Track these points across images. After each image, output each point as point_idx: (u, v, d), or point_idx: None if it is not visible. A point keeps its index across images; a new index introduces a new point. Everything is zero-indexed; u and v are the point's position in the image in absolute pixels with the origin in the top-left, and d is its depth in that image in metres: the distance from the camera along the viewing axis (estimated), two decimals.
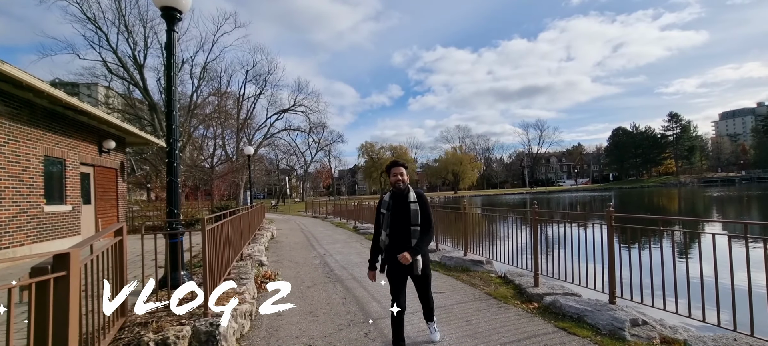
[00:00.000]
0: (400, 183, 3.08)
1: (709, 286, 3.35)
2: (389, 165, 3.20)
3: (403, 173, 3.11)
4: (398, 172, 3.11)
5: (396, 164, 3.15)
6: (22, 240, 7.71)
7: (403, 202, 3.06)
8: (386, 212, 3.09)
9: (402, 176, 3.10)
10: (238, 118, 33.72)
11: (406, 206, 3.03)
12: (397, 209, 3.05)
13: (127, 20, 24.96)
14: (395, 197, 3.11)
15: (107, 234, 3.12)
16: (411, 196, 3.07)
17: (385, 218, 3.07)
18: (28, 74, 7.01)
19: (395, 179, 3.09)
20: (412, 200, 3.05)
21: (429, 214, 3.06)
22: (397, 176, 3.09)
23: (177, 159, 4.70)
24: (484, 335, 3.64)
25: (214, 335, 3.10)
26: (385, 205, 3.12)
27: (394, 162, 3.18)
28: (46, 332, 1.79)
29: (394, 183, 3.09)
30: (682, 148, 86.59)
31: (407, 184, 3.13)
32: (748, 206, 25.68)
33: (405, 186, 3.10)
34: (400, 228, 3.02)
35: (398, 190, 3.08)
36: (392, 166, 3.16)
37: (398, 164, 3.15)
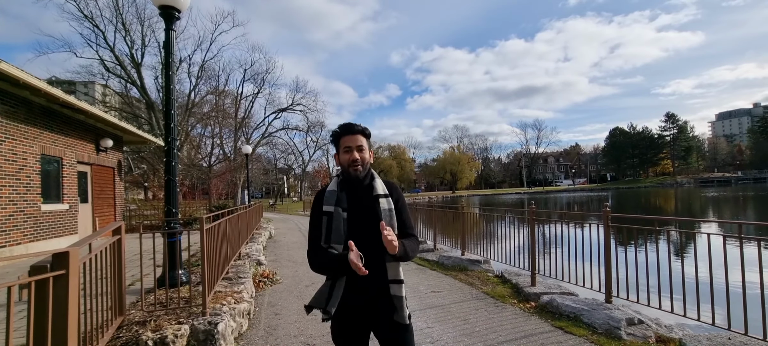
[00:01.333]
0: (357, 165, 1.67)
1: (704, 285, 3.38)
2: (338, 132, 1.74)
3: (362, 145, 1.70)
4: (354, 143, 1.68)
5: (350, 130, 1.71)
6: (18, 239, 7.69)
7: (365, 196, 1.69)
8: (334, 212, 1.64)
9: (361, 151, 1.69)
10: (236, 117, 33.65)
11: (370, 202, 1.67)
12: (357, 208, 1.66)
13: (125, 18, 24.87)
14: (350, 189, 1.70)
15: (105, 233, 3.12)
16: (378, 186, 1.71)
17: (333, 226, 1.61)
18: (24, 72, 6.99)
19: (349, 157, 1.67)
20: (380, 192, 1.69)
21: (409, 214, 1.79)
22: (353, 151, 1.67)
23: (175, 158, 4.69)
24: (482, 334, 3.66)
25: (212, 333, 3.11)
26: (333, 199, 1.67)
27: (347, 127, 1.72)
28: (46, 330, 1.80)
29: (346, 164, 1.69)
30: (679, 148, 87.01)
31: (369, 167, 1.74)
32: (744, 206, 25.84)
33: (365, 170, 1.71)
34: (366, 242, 1.55)
35: (353, 176, 1.68)
36: (343, 135, 1.71)
37: (354, 130, 1.71)
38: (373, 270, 1.54)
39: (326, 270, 1.62)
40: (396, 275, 1.66)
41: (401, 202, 1.76)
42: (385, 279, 1.64)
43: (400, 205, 1.74)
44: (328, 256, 1.60)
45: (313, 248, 1.67)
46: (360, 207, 1.67)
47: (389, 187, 1.76)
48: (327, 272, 1.64)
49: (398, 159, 76.64)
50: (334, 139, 1.76)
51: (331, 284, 1.63)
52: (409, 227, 1.76)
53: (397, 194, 1.77)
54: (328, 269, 1.61)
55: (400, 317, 1.63)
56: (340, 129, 1.74)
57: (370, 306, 1.65)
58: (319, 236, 1.65)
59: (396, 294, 1.64)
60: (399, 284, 1.65)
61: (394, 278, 1.65)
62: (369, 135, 1.77)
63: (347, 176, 1.70)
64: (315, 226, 1.68)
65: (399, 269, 1.66)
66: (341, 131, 1.73)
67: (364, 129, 1.74)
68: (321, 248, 1.63)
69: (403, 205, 1.76)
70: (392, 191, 1.75)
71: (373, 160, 1.81)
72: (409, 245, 1.67)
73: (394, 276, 1.65)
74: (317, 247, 1.65)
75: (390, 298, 1.64)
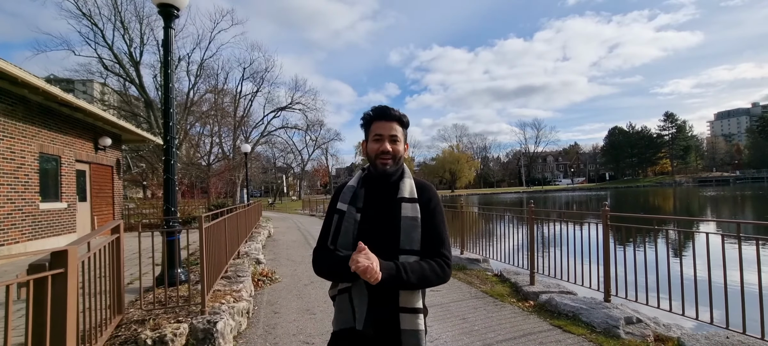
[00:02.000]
0: (387, 158, 1.37)
1: (702, 285, 3.39)
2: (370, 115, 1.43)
3: (397, 136, 1.39)
4: (387, 131, 1.38)
5: (385, 115, 1.40)
6: (17, 238, 7.67)
7: (388, 197, 1.38)
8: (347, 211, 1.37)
9: (394, 142, 1.39)
10: (235, 115, 33.58)
11: (391, 205, 1.36)
12: (374, 210, 1.37)
13: (123, 16, 24.76)
14: (372, 186, 1.43)
15: (104, 232, 3.12)
16: (405, 186, 1.39)
17: (343, 227, 1.35)
18: (23, 70, 6.97)
19: (378, 146, 1.38)
20: (406, 195, 1.37)
21: (445, 230, 1.41)
22: (384, 141, 1.38)
23: (174, 156, 4.68)
24: (481, 333, 3.67)
25: (211, 332, 3.11)
26: (349, 196, 1.40)
27: (381, 111, 1.41)
28: (44, 329, 1.79)
29: (374, 155, 1.39)
30: (678, 148, 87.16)
31: (401, 162, 1.44)
32: (742, 205, 25.91)
33: (396, 166, 1.40)
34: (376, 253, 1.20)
35: (381, 171, 1.39)
36: (375, 120, 1.41)
37: (389, 116, 1.40)
38: (381, 293, 1.24)
39: (332, 274, 1.34)
40: (409, 301, 1.27)
41: (433, 207, 1.38)
42: (395, 306, 1.26)
43: (431, 211, 1.37)
44: (333, 257, 1.31)
45: (318, 248, 1.41)
46: (377, 209, 1.35)
47: (421, 189, 1.41)
48: (333, 277, 1.36)
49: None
50: (364, 124, 1.44)
51: (349, 297, 1.30)
52: (439, 243, 1.34)
53: (429, 197, 1.39)
54: (333, 272, 1.32)
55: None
56: (373, 112, 1.41)
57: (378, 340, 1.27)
58: (327, 236, 1.39)
59: (407, 328, 1.25)
60: (414, 314, 1.26)
61: (406, 305, 1.26)
62: (407, 124, 1.44)
63: (374, 169, 1.41)
64: (327, 223, 1.42)
65: (417, 295, 1.28)
66: (374, 115, 1.41)
67: (402, 116, 1.41)
68: (327, 249, 1.37)
69: (435, 212, 1.38)
70: (423, 193, 1.39)
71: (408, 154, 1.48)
72: (417, 267, 1.25)
73: (406, 303, 1.26)
74: (323, 248, 1.39)
75: (399, 333, 1.25)
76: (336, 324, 1.33)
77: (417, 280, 1.24)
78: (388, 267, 1.19)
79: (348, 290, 1.31)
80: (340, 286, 1.33)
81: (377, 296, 1.27)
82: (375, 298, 1.27)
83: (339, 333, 1.32)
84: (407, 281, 1.22)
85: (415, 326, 1.26)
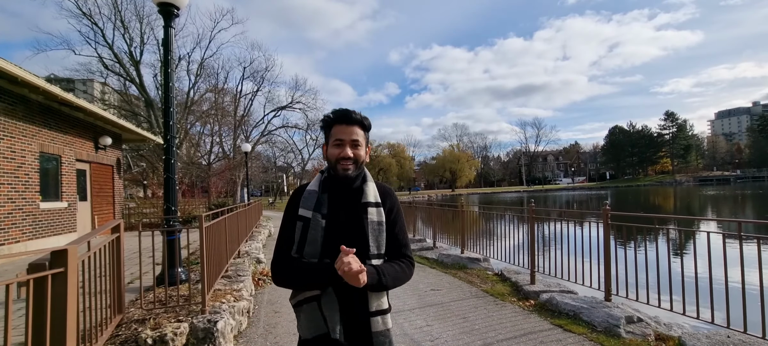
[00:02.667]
0: (348, 163, 1.35)
1: (703, 284, 3.38)
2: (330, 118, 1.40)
3: (359, 140, 1.37)
4: (349, 135, 1.36)
5: (346, 118, 1.37)
6: (17, 237, 7.67)
7: (352, 202, 1.37)
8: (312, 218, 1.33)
9: (356, 147, 1.37)
10: (235, 115, 33.57)
11: (356, 211, 1.35)
12: (339, 216, 1.34)
13: (124, 16, 24.74)
14: (335, 191, 1.39)
15: (104, 231, 3.12)
16: (369, 191, 1.39)
17: (309, 235, 1.31)
18: (23, 70, 6.96)
19: (339, 152, 1.35)
20: (371, 200, 1.38)
21: (406, 232, 1.47)
22: (345, 146, 1.35)
23: (174, 156, 4.68)
24: (481, 332, 3.67)
25: (211, 332, 3.10)
26: (311, 202, 1.36)
27: (342, 114, 1.37)
28: (44, 328, 1.79)
29: (334, 160, 1.36)
30: (678, 147, 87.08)
31: (363, 167, 1.42)
32: (743, 204, 25.89)
33: (357, 170, 1.39)
34: None
35: (342, 176, 1.36)
36: (336, 123, 1.38)
37: (350, 119, 1.37)
38: (352, 298, 1.26)
39: (303, 282, 1.29)
40: (379, 304, 1.31)
41: (395, 213, 1.42)
42: (366, 310, 1.29)
43: (394, 217, 1.41)
44: (306, 264, 1.29)
45: (281, 257, 1.34)
46: (343, 215, 1.34)
47: (383, 193, 1.42)
48: (303, 285, 1.30)
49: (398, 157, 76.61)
50: (324, 127, 1.41)
51: (318, 305, 1.28)
52: (403, 245, 1.41)
53: (392, 203, 1.42)
54: (304, 280, 1.28)
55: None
56: (334, 115, 1.38)
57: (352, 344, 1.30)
58: (290, 244, 1.33)
59: (379, 329, 1.29)
60: (384, 315, 1.32)
61: (378, 308, 1.30)
62: (368, 127, 1.42)
63: (334, 174, 1.38)
64: (287, 230, 1.36)
65: (384, 297, 1.34)
66: (334, 119, 1.37)
67: (363, 119, 1.39)
68: (291, 258, 1.31)
69: (397, 217, 1.43)
70: (386, 198, 1.41)
71: (369, 159, 1.45)
72: (391, 269, 1.31)
73: (377, 306, 1.30)
74: (287, 256, 1.32)
75: (370, 336, 1.28)
76: (307, 332, 1.30)
77: (392, 281, 1.30)
78: (370, 272, 1.21)
79: (316, 299, 1.28)
80: (306, 295, 1.30)
81: (348, 303, 1.28)
82: (345, 305, 1.28)
83: (312, 341, 1.30)
84: (385, 284, 1.27)
85: (385, 326, 1.31)
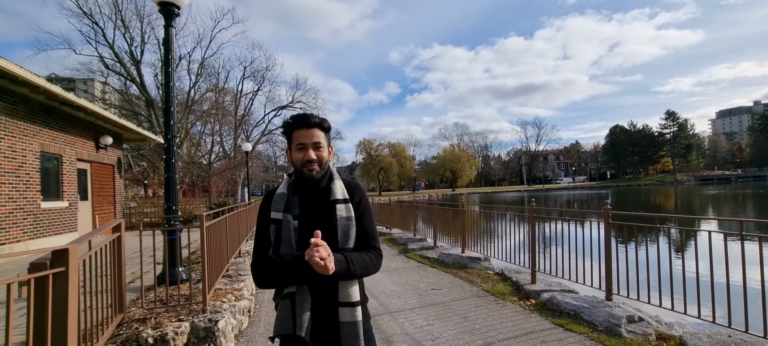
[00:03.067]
0: (313, 166, 1.40)
1: (704, 283, 3.38)
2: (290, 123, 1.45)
3: (320, 142, 1.42)
4: (310, 139, 1.41)
5: (304, 122, 1.42)
6: (18, 236, 7.68)
7: (321, 201, 1.43)
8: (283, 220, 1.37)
9: (318, 149, 1.42)
10: (235, 114, 33.59)
11: (326, 208, 1.41)
12: (310, 215, 1.40)
13: (124, 15, 24.74)
14: (304, 192, 1.44)
15: (105, 230, 3.12)
16: (337, 189, 1.44)
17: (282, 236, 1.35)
18: (24, 69, 6.97)
19: (303, 155, 1.40)
20: (338, 196, 1.43)
21: (374, 225, 1.51)
22: (308, 149, 1.40)
23: (174, 155, 4.68)
24: (482, 332, 3.67)
25: (212, 331, 3.11)
26: (281, 205, 1.41)
27: (300, 119, 1.43)
28: (45, 327, 1.79)
29: (299, 163, 1.41)
30: (679, 146, 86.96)
31: (327, 167, 1.49)
32: (744, 203, 25.85)
33: (323, 171, 1.45)
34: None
35: (308, 177, 1.41)
36: (296, 128, 1.42)
37: (309, 123, 1.42)
38: (325, 291, 1.32)
39: (279, 278, 1.34)
40: (348, 296, 1.33)
41: (363, 206, 1.46)
42: (335, 301, 1.32)
43: (362, 210, 1.44)
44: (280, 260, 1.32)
45: (259, 260, 1.38)
46: (313, 214, 1.39)
47: (350, 189, 1.47)
48: (280, 281, 1.35)
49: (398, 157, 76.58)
50: (285, 132, 1.46)
51: (291, 302, 1.31)
52: (371, 237, 1.44)
53: (359, 197, 1.47)
54: (280, 276, 1.33)
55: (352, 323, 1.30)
56: (293, 120, 1.43)
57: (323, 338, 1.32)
58: (266, 247, 1.37)
59: (346, 320, 1.31)
60: (352, 308, 1.31)
61: (345, 299, 1.32)
62: (328, 129, 1.47)
63: (301, 176, 1.43)
64: (262, 234, 1.40)
65: (353, 288, 1.34)
66: (294, 123, 1.42)
67: (322, 121, 1.45)
68: (268, 258, 1.35)
69: (365, 210, 1.46)
70: (353, 193, 1.46)
71: (332, 158, 1.52)
72: (358, 258, 1.34)
73: (344, 298, 1.32)
74: (264, 258, 1.37)
75: (337, 326, 1.30)
76: (275, 330, 1.34)
77: (361, 270, 1.34)
78: (338, 259, 1.25)
79: (291, 296, 1.33)
80: (284, 292, 1.35)
81: (319, 298, 1.32)
82: (317, 300, 1.32)
83: (280, 338, 1.34)
84: (353, 272, 1.31)
85: (353, 318, 1.32)
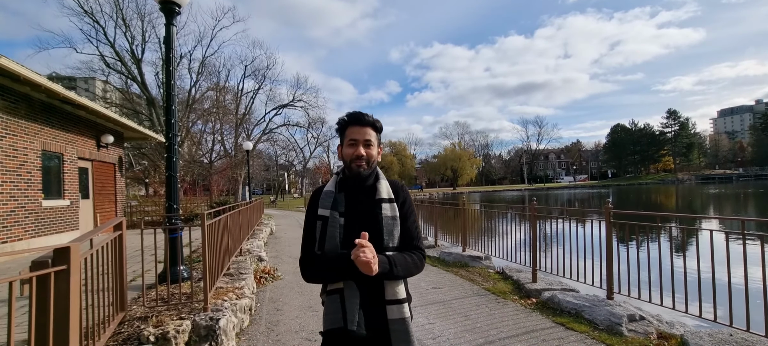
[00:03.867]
0: (361, 162, 1.45)
1: (705, 282, 3.37)
2: (345, 120, 1.50)
3: (371, 140, 1.47)
4: (362, 136, 1.46)
5: (359, 120, 1.47)
6: (20, 235, 7.70)
7: (366, 199, 1.46)
8: (330, 217, 1.42)
9: (368, 147, 1.47)
10: (236, 113, 33.60)
11: (371, 207, 1.44)
12: (355, 213, 1.44)
13: (125, 14, 24.75)
14: (350, 190, 1.48)
15: (106, 229, 3.12)
16: (382, 188, 1.48)
17: (328, 232, 1.39)
18: (25, 68, 6.97)
19: (353, 151, 1.45)
20: (384, 196, 1.47)
21: (418, 225, 1.56)
22: (359, 145, 1.45)
23: (175, 154, 4.68)
24: (483, 330, 3.67)
25: (213, 329, 3.11)
26: (329, 202, 1.45)
27: (355, 116, 1.48)
28: (47, 325, 1.79)
29: (349, 159, 1.46)
30: (681, 145, 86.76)
31: (375, 165, 1.52)
32: (745, 203, 25.80)
33: (370, 169, 1.49)
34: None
35: (355, 174, 1.46)
36: (350, 125, 1.48)
37: (363, 121, 1.47)
38: (371, 289, 1.35)
39: (326, 274, 1.40)
40: (394, 294, 1.37)
41: (407, 207, 1.50)
42: (382, 299, 1.36)
43: (406, 211, 1.49)
44: (326, 257, 1.37)
45: (307, 256, 1.45)
46: (359, 212, 1.43)
47: (395, 189, 1.51)
48: (327, 277, 1.41)
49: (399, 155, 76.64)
50: (339, 129, 1.51)
51: (340, 296, 1.36)
52: (415, 237, 1.48)
53: (404, 197, 1.51)
54: (327, 272, 1.38)
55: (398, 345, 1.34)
56: (348, 118, 1.49)
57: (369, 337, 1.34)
58: (312, 242, 1.43)
59: (395, 317, 1.35)
60: (400, 305, 1.37)
61: (393, 297, 1.36)
62: (380, 129, 1.53)
63: (349, 173, 1.48)
64: (309, 231, 1.46)
65: (399, 286, 1.39)
66: (349, 120, 1.48)
67: (375, 121, 1.50)
68: (315, 254, 1.41)
69: (409, 211, 1.51)
70: (398, 194, 1.51)
71: (381, 158, 1.56)
72: (401, 259, 1.38)
73: (391, 296, 1.36)
74: (311, 254, 1.43)
75: (386, 324, 1.34)
76: (325, 324, 1.38)
77: (403, 272, 1.38)
78: (382, 261, 1.29)
79: (339, 292, 1.37)
80: (331, 287, 1.39)
81: (368, 294, 1.35)
82: (366, 296, 1.35)
83: (329, 333, 1.37)
84: (396, 274, 1.35)
85: (401, 314, 1.36)
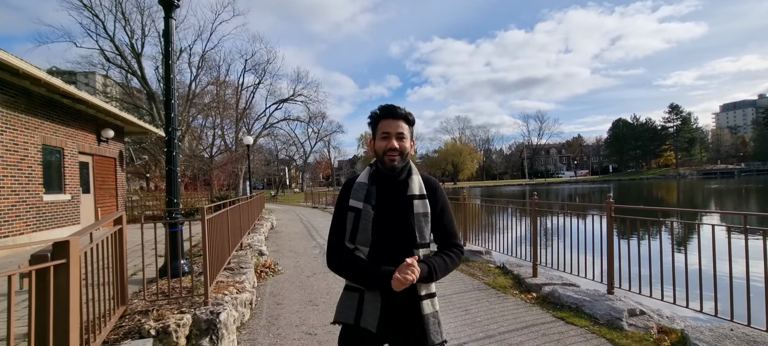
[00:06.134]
0: (394, 155, 1.43)
1: (706, 277, 3.36)
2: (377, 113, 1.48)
3: (404, 133, 1.45)
4: (394, 129, 1.44)
5: (391, 113, 1.45)
6: (21, 229, 7.72)
7: (398, 194, 1.45)
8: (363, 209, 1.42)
9: (401, 140, 1.44)
10: (237, 107, 33.56)
11: (403, 202, 1.43)
12: (386, 207, 1.43)
13: (125, 8, 24.69)
14: (382, 183, 1.47)
15: (107, 223, 3.12)
16: (414, 184, 1.46)
17: (360, 225, 1.40)
18: (25, 62, 6.95)
19: (386, 144, 1.43)
20: (416, 192, 1.44)
21: (454, 221, 1.57)
22: (391, 138, 1.43)
23: (176, 149, 4.67)
24: (483, 325, 3.67)
25: (214, 323, 3.12)
26: (362, 194, 1.45)
27: (388, 109, 1.46)
28: (47, 319, 1.79)
29: (381, 152, 1.45)
30: (682, 140, 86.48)
31: (408, 159, 1.49)
32: (747, 197, 25.75)
33: (403, 162, 1.46)
34: (392, 249, 1.38)
35: (389, 167, 1.44)
36: (382, 118, 1.46)
37: (396, 114, 1.45)
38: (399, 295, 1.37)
39: (351, 276, 1.42)
40: (428, 288, 1.43)
41: (442, 203, 1.51)
42: (415, 295, 1.40)
43: (441, 207, 1.50)
44: (360, 263, 1.39)
45: (336, 246, 1.45)
46: (390, 206, 1.43)
47: (429, 186, 1.49)
48: (351, 278, 1.43)
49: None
50: (371, 122, 1.49)
51: (360, 297, 1.40)
52: (452, 235, 1.51)
53: (437, 195, 1.50)
54: (354, 276, 1.41)
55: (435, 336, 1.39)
56: (380, 111, 1.47)
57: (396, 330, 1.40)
58: (343, 233, 1.44)
59: (429, 312, 1.40)
60: (432, 299, 1.43)
61: (427, 292, 1.43)
62: (413, 122, 1.50)
63: (382, 166, 1.46)
64: (339, 220, 1.46)
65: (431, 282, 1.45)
66: (381, 113, 1.46)
67: (408, 114, 1.47)
68: (346, 247, 1.43)
69: (444, 208, 1.51)
70: (432, 191, 1.49)
71: (414, 151, 1.54)
72: (441, 264, 1.41)
73: (426, 291, 1.42)
74: (340, 245, 1.44)
75: (421, 318, 1.39)
76: (336, 316, 1.45)
77: (442, 274, 1.42)
78: (423, 269, 1.34)
79: (359, 290, 1.41)
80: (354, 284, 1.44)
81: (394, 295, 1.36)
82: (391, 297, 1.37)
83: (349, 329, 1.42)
84: (433, 274, 1.38)
85: (433, 308, 1.42)
